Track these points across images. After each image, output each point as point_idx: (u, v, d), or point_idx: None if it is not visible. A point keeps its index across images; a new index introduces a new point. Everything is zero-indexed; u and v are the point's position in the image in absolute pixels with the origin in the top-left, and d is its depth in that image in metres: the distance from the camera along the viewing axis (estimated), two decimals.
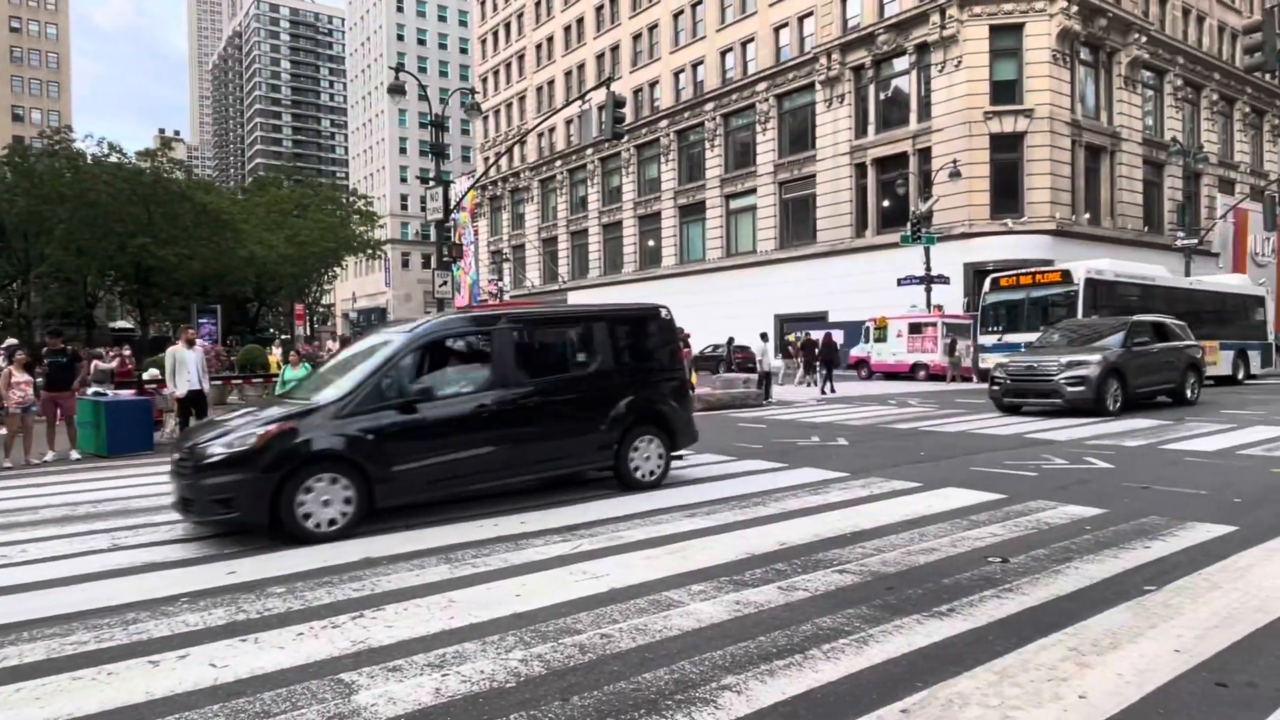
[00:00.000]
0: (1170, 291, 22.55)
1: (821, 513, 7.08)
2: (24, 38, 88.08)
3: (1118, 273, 21.03)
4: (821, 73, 38.33)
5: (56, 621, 4.57)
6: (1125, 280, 21.22)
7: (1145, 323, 16.25)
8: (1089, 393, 14.39)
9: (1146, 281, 21.94)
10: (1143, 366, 15.32)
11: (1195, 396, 16.46)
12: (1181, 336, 16.72)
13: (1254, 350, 25.52)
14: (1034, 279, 21.03)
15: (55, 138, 42.48)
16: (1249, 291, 26.97)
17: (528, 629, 4.29)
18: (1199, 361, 16.80)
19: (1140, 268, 23.59)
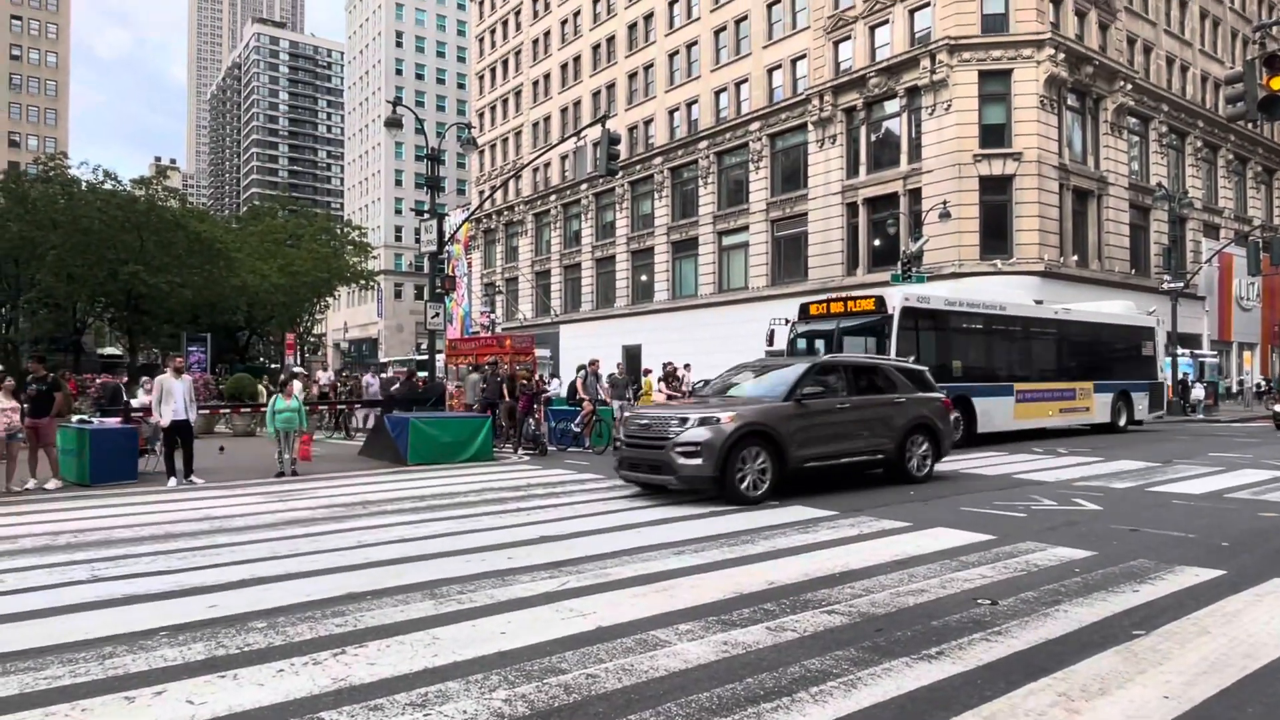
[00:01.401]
0: (1026, 323, 19.90)
1: (810, 552, 7.05)
2: (24, 65, 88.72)
3: (950, 300, 18.16)
4: (814, 114, 38.90)
5: (31, 655, 4.49)
6: (959, 310, 18.14)
7: (838, 365, 11.54)
8: (707, 466, 9.52)
9: (991, 310, 18.85)
10: (820, 427, 10.42)
11: (925, 468, 11.68)
12: (911, 386, 11.92)
13: (1140, 392, 22.43)
14: (845, 307, 17.44)
15: (50, 164, 42.60)
16: (1135, 322, 23.44)
17: (512, 668, 4.23)
18: (932, 421, 11.78)
19: (991, 295, 20.47)
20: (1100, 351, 21.66)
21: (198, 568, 6.66)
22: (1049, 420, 19.58)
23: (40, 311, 44.02)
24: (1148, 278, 38.57)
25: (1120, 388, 21.68)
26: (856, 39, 37.72)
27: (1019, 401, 18.65)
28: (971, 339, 18.33)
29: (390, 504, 9.98)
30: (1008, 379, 18.57)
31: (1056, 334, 20.51)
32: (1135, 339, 23.12)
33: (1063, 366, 20.23)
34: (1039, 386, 19.41)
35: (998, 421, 17.95)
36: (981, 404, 17.44)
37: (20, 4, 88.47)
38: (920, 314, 16.96)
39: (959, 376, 17.08)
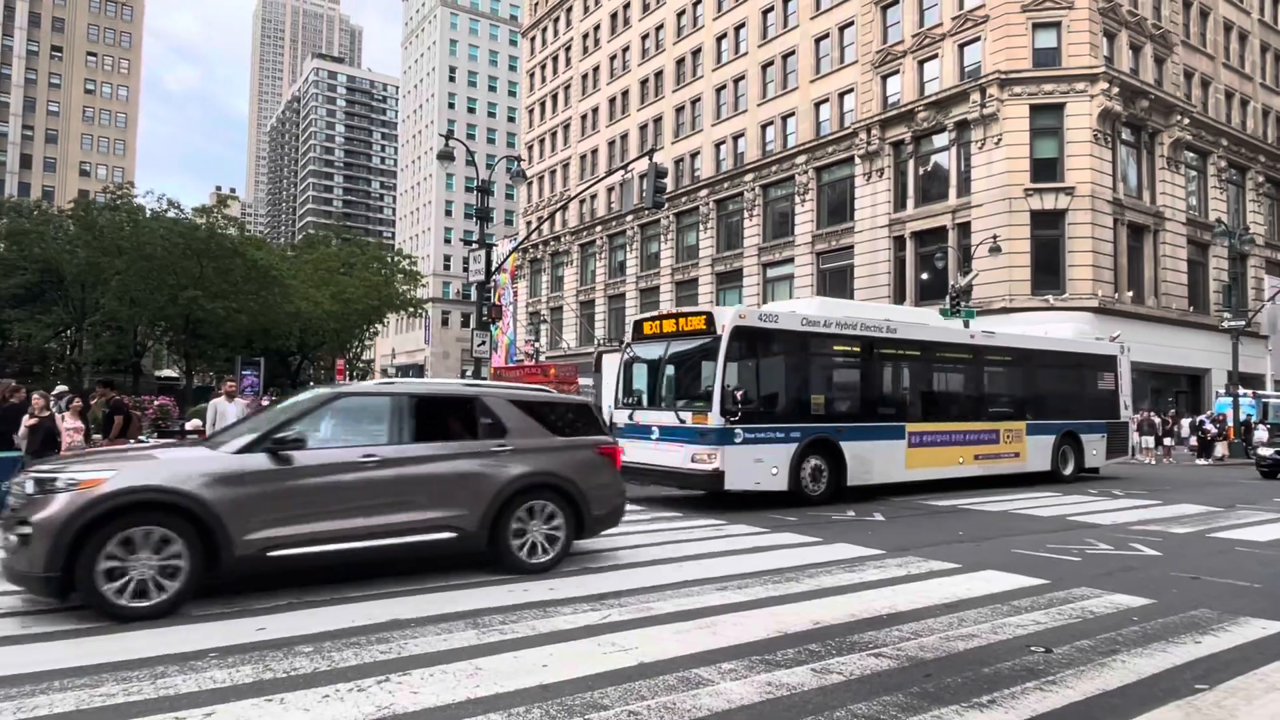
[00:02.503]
0: (927, 348, 15.61)
1: (857, 591, 6.92)
2: (96, 99, 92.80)
3: (811, 319, 13.76)
4: (861, 147, 38.85)
5: (89, 672, 4.60)
6: (822, 331, 13.72)
7: (384, 394, 7.51)
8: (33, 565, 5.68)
9: (872, 332, 14.44)
10: (320, 495, 6.67)
11: (547, 551, 7.68)
12: (538, 429, 7.92)
13: (1093, 434, 18.42)
14: (677, 325, 13.28)
15: (118, 193, 44.33)
16: (1087, 350, 19.41)
17: (554, 702, 4.22)
18: (565, 482, 7.81)
19: (876, 310, 17.05)
20: (1038, 384, 17.56)
21: (245, 591, 6.76)
22: (961, 469, 15.49)
23: (103, 334, 45.57)
24: (1207, 315, 37.49)
25: (1064, 428, 17.68)
26: (905, 73, 37.68)
27: (914, 446, 14.58)
28: (842, 367, 14.42)
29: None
30: (897, 417, 14.63)
31: (972, 362, 16.46)
32: (1089, 370, 19.02)
33: (982, 402, 16.35)
34: (944, 427, 15.30)
35: (881, 470, 14.06)
36: (854, 449, 13.51)
37: (96, 41, 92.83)
38: (761, 336, 12.91)
39: (821, 414, 13.45)
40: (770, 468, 12.47)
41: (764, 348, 13.06)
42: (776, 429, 12.70)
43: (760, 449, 12.37)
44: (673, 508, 12.08)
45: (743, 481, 12.23)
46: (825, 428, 13.35)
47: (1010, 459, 16.49)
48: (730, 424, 11.97)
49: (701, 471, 12.05)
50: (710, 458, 11.93)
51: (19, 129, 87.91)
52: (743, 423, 12.11)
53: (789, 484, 12.64)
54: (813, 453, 13.03)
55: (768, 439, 12.53)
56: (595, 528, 8.22)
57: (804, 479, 12.85)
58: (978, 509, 13.04)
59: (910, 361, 15.46)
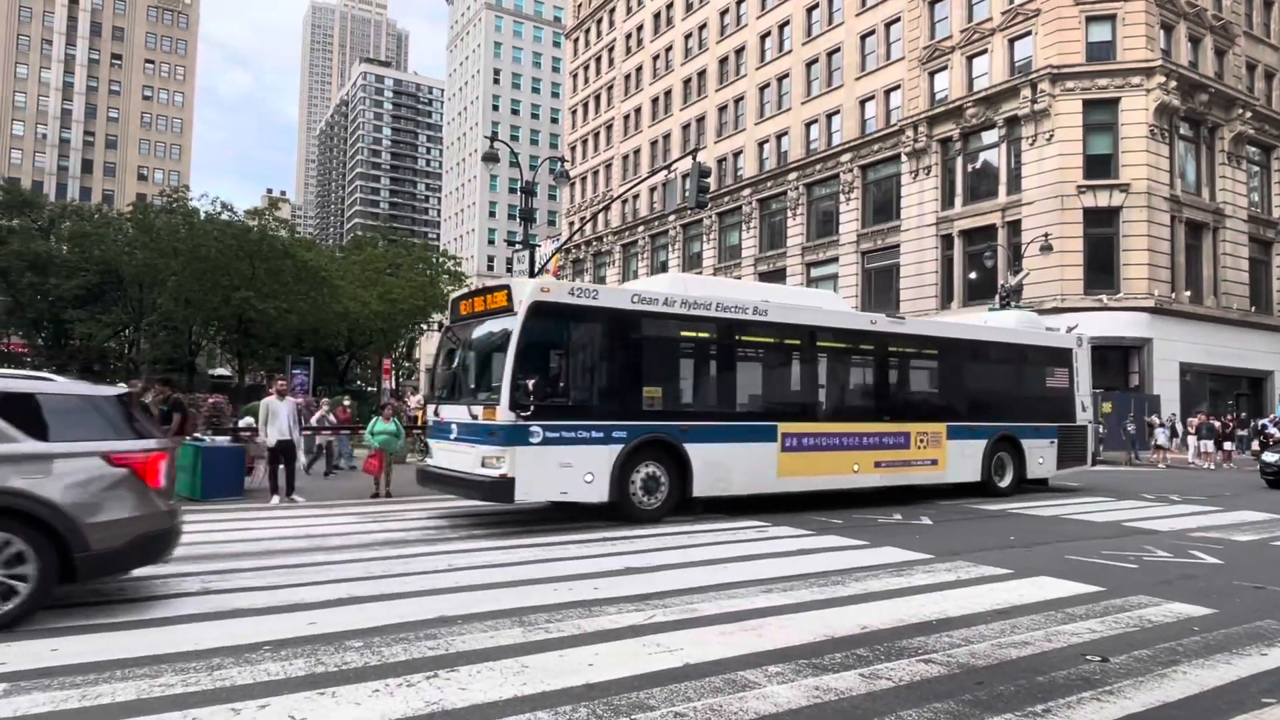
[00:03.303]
0: (810, 334, 12.93)
1: (905, 596, 6.81)
2: (154, 104, 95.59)
3: (644, 295, 11.31)
4: (908, 144, 38.30)
5: (147, 662, 4.72)
6: (659, 311, 11.30)
7: None
8: None
9: (731, 314, 11.95)
10: None
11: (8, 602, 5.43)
12: None
13: (1040, 439, 15.59)
14: (485, 302, 11.19)
15: (174, 196, 45.60)
16: (1034, 341, 16.43)
17: (600, 701, 4.22)
18: (42, 507, 5.44)
19: (752, 289, 15.05)
20: (965, 380, 15.03)
21: (298, 584, 6.90)
22: (856, 478, 12.96)
23: (160, 334, 46.92)
24: (1270, 315, 36.25)
25: (1000, 432, 14.91)
26: (953, 69, 37.06)
27: (789, 450, 12.17)
28: (692, 355, 12.04)
29: (479, 528, 10.14)
30: (766, 416, 12.34)
31: (874, 353, 13.81)
32: (1036, 364, 16.18)
33: (887, 400, 13.84)
34: (832, 429, 12.82)
35: (744, 479, 11.78)
36: (704, 453, 11.24)
37: (153, 49, 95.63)
38: (574, 315, 10.63)
39: (658, 410, 11.09)
40: (583, 474, 10.25)
41: (578, 329, 10.71)
42: (593, 427, 10.41)
43: (569, 451, 10.17)
44: (720, 511, 12.01)
45: (542, 490, 10.15)
46: (663, 426, 11.00)
47: (925, 467, 13.80)
48: (523, 420, 9.80)
49: (486, 479, 9.88)
50: (498, 461, 9.80)
51: (80, 135, 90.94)
52: (545, 418, 9.95)
53: (611, 494, 10.42)
54: (646, 457, 10.81)
55: (580, 439, 10.29)
56: (98, 569, 5.83)
57: (633, 489, 10.65)
58: (1028, 513, 12.76)
59: (787, 350, 12.94)
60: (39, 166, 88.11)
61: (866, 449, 13.15)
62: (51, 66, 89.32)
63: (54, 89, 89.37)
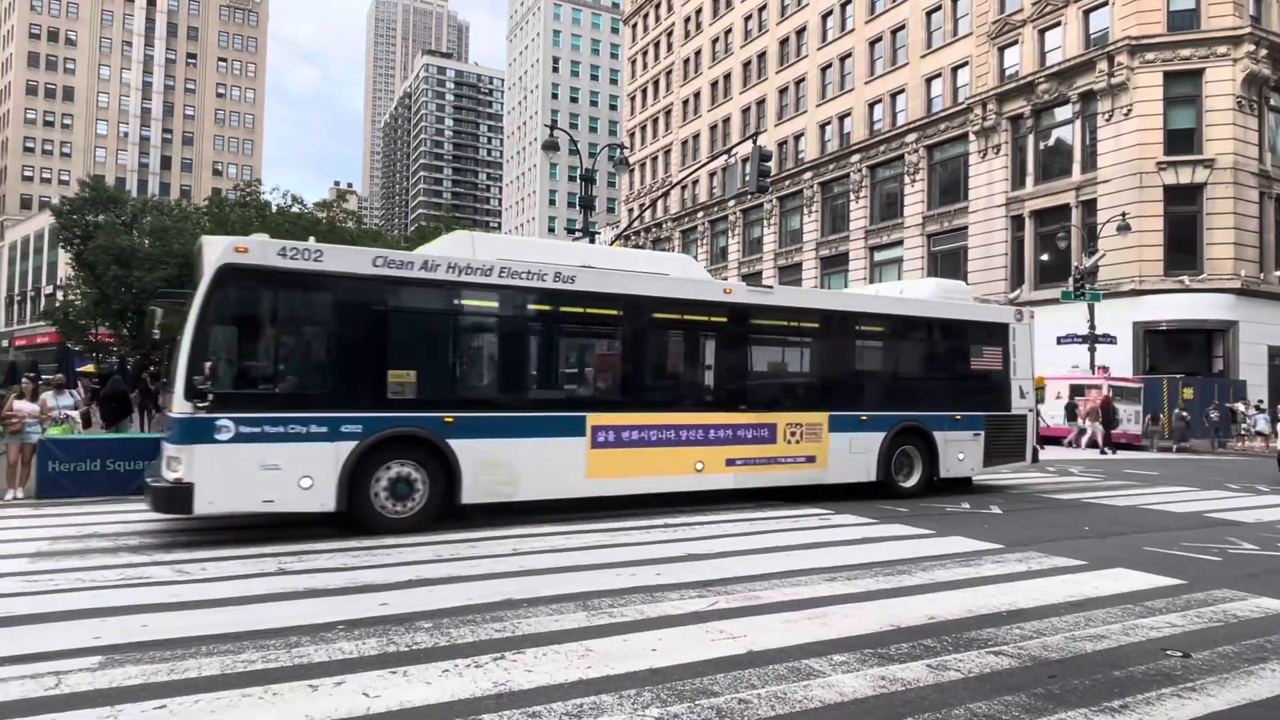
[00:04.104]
0: (633, 308, 10.65)
1: (973, 587, 6.67)
2: (227, 102, 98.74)
3: (394, 259, 9.25)
4: (976, 123, 37.21)
5: (230, 639, 4.93)
6: (412, 277, 9.21)
7: None
8: None
9: (519, 282, 9.78)
10: None
11: None
12: None
13: (960, 431, 13.12)
14: (196, 267, 9.22)
15: (247, 190, 47.08)
16: (956, 315, 13.65)
17: (663, 686, 4.25)
18: None
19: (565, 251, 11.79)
20: (854, 361, 12.78)
21: (369, 566, 7.11)
22: (699, 479, 10.84)
23: None
24: None
25: (903, 422, 12.57)
26: (1024, 43, 35.81)
27: (602, 446, 10.11)
28: (466, 331, 9.95)
29: (542, 514, 10.28)
30: (570, 404, 10.35)
31: (728, 328, 11.48)
32: (957, 342, 13.61)
33: (745, 385, 11.54)
34: (663, 419, 10.64)
35: (539, 479, 9.72)
36: (478, 450, 9.30)
37: (225, 47, 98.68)
38: (285, 280, 8.56)
39: (409, 398, 9.04)
40: (298, 477, 8.31)
41: (292, 300, 8.76)
42: (312, 420, 8.43)
43: (276, 449, 8.23)
44: (777, 497, 11.92)
45: (236, 498, 8.22)
46: (418, 419, 9.04)
47: (798, 465, 11.62)
48: (203, 411, 7.94)
49: (158, 485, 8.13)
50: (175, 463, 8.04)
51: (159, 132, 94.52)
52: (238, 410, 8.15)
53: (341, 501, 8.50)
54: (394, 455, 8.90)
55: (293, 435, 8.34)
56: None
57: (375, 494, 8.74)
58: (1103, 503, 12.36)
59: (602, 326, 10.79)
60: (121, 164, 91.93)
61: (714, 444, 10.93)
62: (131, 67, 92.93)
63: (134, 89, 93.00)
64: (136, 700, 3.94)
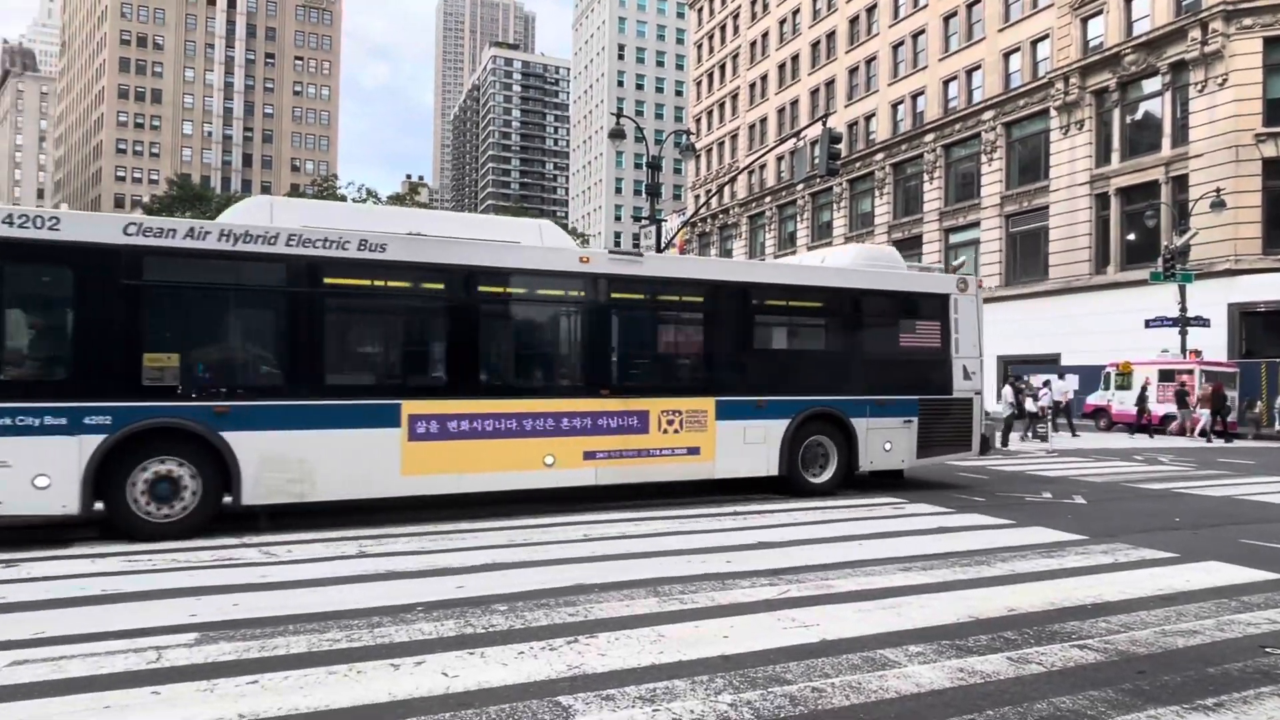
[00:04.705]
0: (462, 280, 9.37)
1: (1056, 579, 6.47)
2: (304, 99, 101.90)
3: (152, 226, 8.14)
4: (1057, 98, 35.78)
5: (316, 619, 5.12)
6: (170, 246, 8.08)
7: None
8: None
9: (315, 251, 8.58)
10: None
11: None
12: None
13: (887, 417, 11.56)
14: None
15: (323, 185, 48.60)
16: (882, 285, 11.96)
17: (736, 673, 4.25)
18: None
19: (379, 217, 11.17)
20: (752, 339, 11.14)
21: (445, 550, 7.30)
22: (552, 474, 9.59)
23: None
24: None
25: (811, 407, 11.09)
26: (1109, 13, 34.22)
27: (422, 438, 8.90)
28: (244, 308, 8.88)
29: (612, 500, 10.36)
30: (379, 390, 9.15)
31: (586, 302, 10.21)
32: (880, 315, 12.00)
33: (607, 367, 10.25)
34: (499, 408, 9.37)
35: (342, 479, 8.56)
36: (262, 444, 8.19)
37: (301, 46, 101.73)
38: (10, 252, 7.55)
39: (169, 384, 7.97)
40: (30, 476, 7.35)
41: (22, 273, 7.75)
42: (44, 411, 7.46)
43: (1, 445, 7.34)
44: (853, 487, 11.75)
45: None
46: (181, 408, 7.97)
47: (677, 458, 10.26)
48: None
49: None
50: None
51: (241, 131, 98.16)
52: None
53: (86, 503, 7.53)
54: (157, 451, 7.87)
55: (20, 428, 7.39)
56: None
57: (132, 496, 7.72)
58: (1194, 492, 11.82)
59: (424, 301, 9.58)
60: (206, 162, 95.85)
61: (568, 434, 9.67)
62: (214, 68, 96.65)
63: (216, 89, 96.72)
64: (230, 675, 4.13)
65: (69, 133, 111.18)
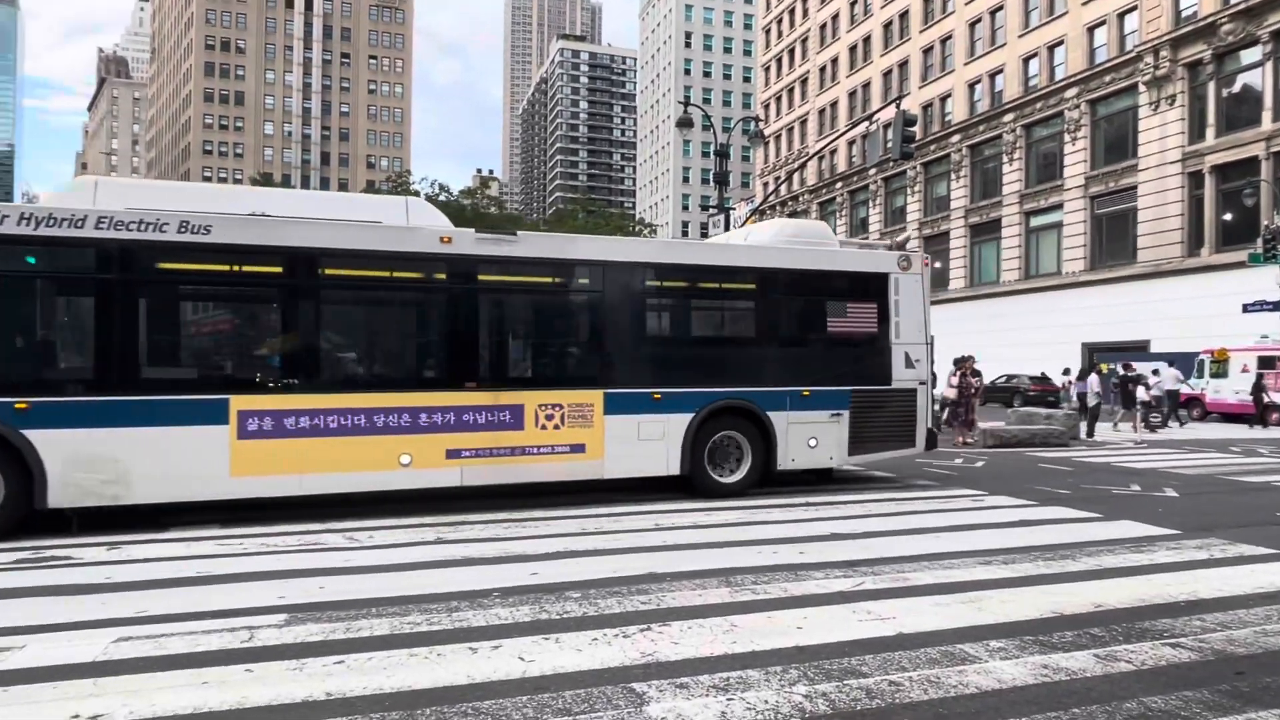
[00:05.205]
0: (310, 262, 8.70)
1: (1145, 574, 6.22)
2: (378, 98, 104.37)
3: None
4: (1147, 72, 34.11)
5: (397, 602, 5.28)
6: None
7: None
8: None
9: (127, 234, 7.93)
10: None
11: None
12: None
13: (811, 409, 10.39)
14: None
15: (398, 181, 49.76)
16: (801, 264, 10.69)
17: (810, 664, 4.22)
18: None
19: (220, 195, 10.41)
20: (649, 324, 10.27)
21: (519, 538, 7.44)
22: (410, 474, 8.82)
23: None
24: None
25: (719, 400, 10.05)
26: None
27: (254, 435, 8.23)
28: (43, 296, 8.15)
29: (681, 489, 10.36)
30: (204, 384, 8.45)
31: (450, 287, 9.33)
32: (804, 297, 10.83)
33: (474, 357, 9.40)
34: (345, 402, 8.63)
35: (163, 480, 7.97)
36: (69, 443, 7.64)
37: (375, 45, 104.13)
38: None
39: None
40: None
41: None
42: None
43: None
44: (929, 479, 11.52)
45: None
46: None
47: (559, 455, 9.35)
48: None
49: None
50: None
51: (319, 130, 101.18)
52: None
53: None
54: None
55: None
56: None
57: None
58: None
59: (258, 286, 8.89)
60: (286, 161, 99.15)
61: (428, 431, 8.86)
62: (293, 70, 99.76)
63: (295, 90, 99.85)
64: (318, 655, 4.29)
65: (160, 135, 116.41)
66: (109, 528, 7.73)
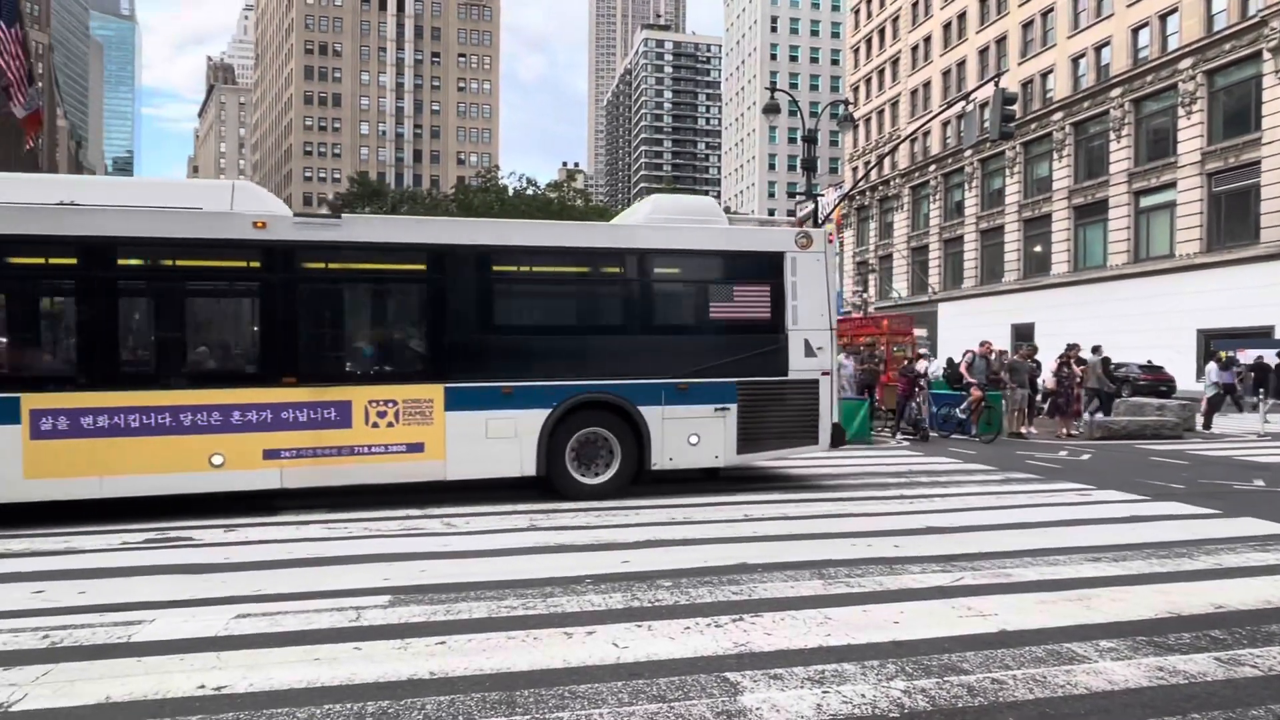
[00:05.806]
0: (101, 251, 8.12)
1: (1272, 575, 5.84)
2: (467, 94, 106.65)
3: None
4: (1272, 38, 31.74)
5: (494, 587, 5.43)
6: None
7: None
8: None
9: None
10: None
11: None
12: None
13: (692, 403, 9.40)
14: None
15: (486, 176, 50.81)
16: (684, 243, 9.68)
17: (908, 660, 4.13)
18: None
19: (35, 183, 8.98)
20: (497, 311, 9.30)
21: (610, 526, 7.53)
22: (221, 476, 8.21)
23: None
24: None
25: (579, 394, 9.17)
26: None
27: (48, 435, 7.80)
28: None
29: (769, 481, 10.28)
30: None
31: (260, 276, 8.68)
32: (685, 279, 9.97)
33: (294, 350, 8.67)
34: (153, 399, 8.08)
35: None
36: None
37: (464, 43, 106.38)
38: None
39: None
40: None
41: None
42: None
43: None
44: (1031, 472, 11.09)
45: None
46: None
47: (394, 455, 8.62)
48: None
49: None
50: None
51: (411, 129, 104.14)
52: None
53: None
54: None
55: None
56: None
57: None
58: None
59: (44, 279, 8.40)
60: (381, 159, 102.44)
61: (242, 430, 8.24)
62: (386, 70, 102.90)
63: (389, 90, 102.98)
64: (421, 635, 4.46)
65: (264, 138, 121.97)
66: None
